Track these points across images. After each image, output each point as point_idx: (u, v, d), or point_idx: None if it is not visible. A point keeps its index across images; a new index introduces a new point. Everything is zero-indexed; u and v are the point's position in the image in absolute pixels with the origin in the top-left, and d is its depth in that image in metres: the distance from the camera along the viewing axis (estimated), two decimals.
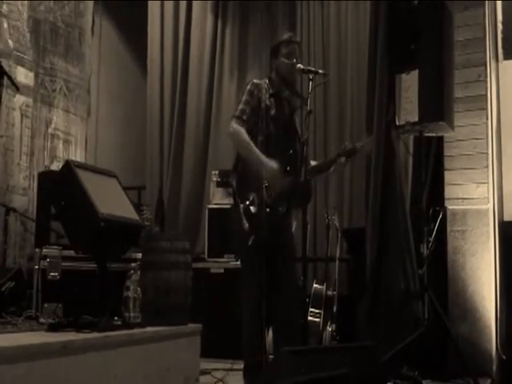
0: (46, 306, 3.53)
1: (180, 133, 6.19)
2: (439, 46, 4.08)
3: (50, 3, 5.65)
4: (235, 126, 3.47)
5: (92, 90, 6.17)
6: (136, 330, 3.15)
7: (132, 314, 3.24)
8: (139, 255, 4.09)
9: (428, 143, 4.43)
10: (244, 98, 3.52)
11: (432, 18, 4.12)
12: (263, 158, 3.38)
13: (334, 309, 4.48)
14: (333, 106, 5.60)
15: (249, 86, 3.55)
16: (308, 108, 3.30)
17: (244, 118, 3.47)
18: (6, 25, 5.12)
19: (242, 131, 3.44)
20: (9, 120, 5.11)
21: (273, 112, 3.53)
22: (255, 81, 3.60)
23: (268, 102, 3.53)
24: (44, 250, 4.08)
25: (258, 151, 3.40)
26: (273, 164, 3.36)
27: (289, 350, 2.59)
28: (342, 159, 3.49)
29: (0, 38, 5.06)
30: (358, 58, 5.45)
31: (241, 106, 3.50)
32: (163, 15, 6.38)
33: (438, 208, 4.29)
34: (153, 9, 6.41)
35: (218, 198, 5.28)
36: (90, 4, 6.17)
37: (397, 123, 4.19)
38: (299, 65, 3.50)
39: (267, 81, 3.62)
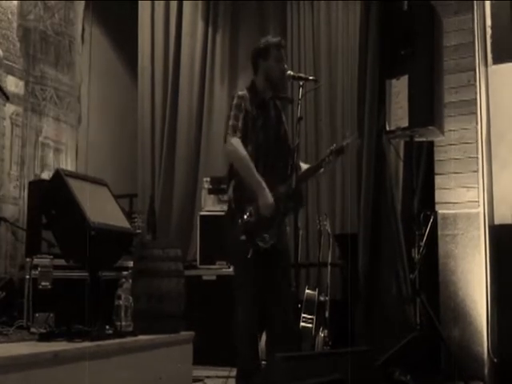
0: (37, 315, 3.51)
1: (171, 140, 6.19)
2: (429, 51, 4.09)
3: (40, 12, 5.63)
4: (233, 141, 3.36)
5: (82, 98, 6.16)
6: (128, 339, 3.15)
7: (124, 323, 3.24)
8: (130, 263, 4.08)
9: (418, 148, 4.44)
10: (232, 112, 3.43)
11: (422, 24, 4.14)
12: (263, 187, 3.32)
13: (327, 314, 4.48)
14: (323, 112, 5.61)
15: (235, 101, 3.47)
16: (298, 114, 3.30)
17: (238, 133, 3.37)
18: None
19: (241, 148, 3.35)
20: None
21: (260, 122, 3.49)
22: (240, 93, 3.52)
23: (254, 113, 3.49)
24: (35, 260, 4.05)
25: (259, 177, 3.33)
26: (269, 198, 3.32)
27: (282, 356, 2.59)
28: (331, 158, 3.39)
29: None
30: (349, 63, 5.47)
31: (231, 122, 3.41)
32: (153, 22, 6.38)
33: (428, 212, 4.29)
34: (143, 16, 6.41)
35: (210, 205, 5.28)
36: (80, 12, 6.15)
37: (387, 128, 4.20)
38: (289, 71, 3.50)
39: (249, 87, 3.57)
